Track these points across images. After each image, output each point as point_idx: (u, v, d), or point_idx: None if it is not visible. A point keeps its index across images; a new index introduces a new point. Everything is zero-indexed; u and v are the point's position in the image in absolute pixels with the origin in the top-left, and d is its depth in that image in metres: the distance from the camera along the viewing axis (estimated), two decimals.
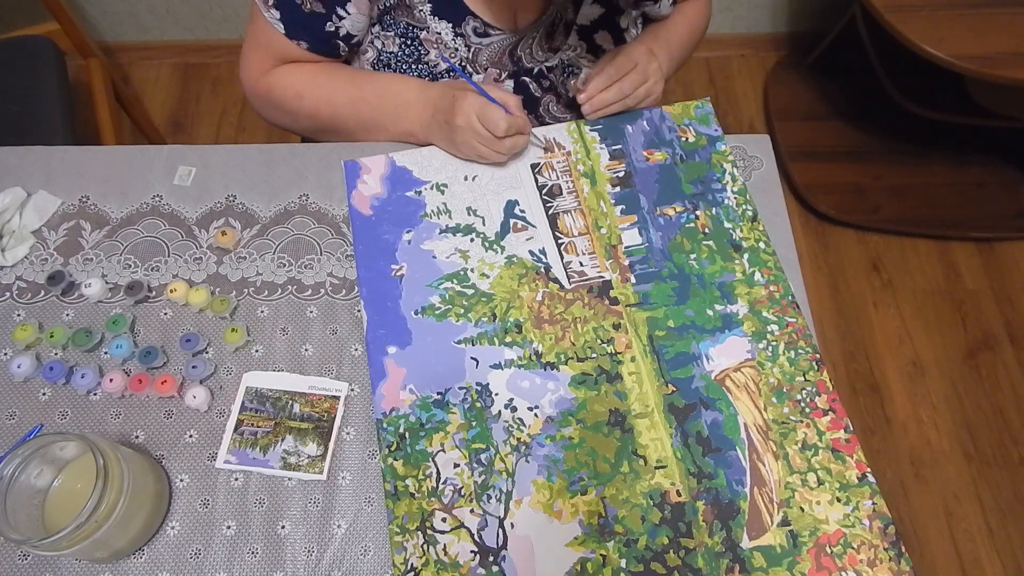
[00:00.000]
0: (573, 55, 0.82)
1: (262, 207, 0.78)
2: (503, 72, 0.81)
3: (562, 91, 0.85)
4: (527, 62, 0.81)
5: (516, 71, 0.81)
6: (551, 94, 0.85)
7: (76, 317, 0.71)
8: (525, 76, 0.82)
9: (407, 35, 0.77)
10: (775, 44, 1.91)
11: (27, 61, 1.23)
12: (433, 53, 0.78)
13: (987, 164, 1.69)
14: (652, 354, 0.67)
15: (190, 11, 1.77)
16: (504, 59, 0.80)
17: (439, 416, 0.64)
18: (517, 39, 0.79)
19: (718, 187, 0.77)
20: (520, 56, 0.80)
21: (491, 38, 0.77)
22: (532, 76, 0.82)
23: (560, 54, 0.82)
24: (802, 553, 0.59)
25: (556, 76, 0.83)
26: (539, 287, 0.71)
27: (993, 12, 1.25)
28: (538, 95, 0.84)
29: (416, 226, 0.74)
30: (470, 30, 0.76)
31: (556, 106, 0.86)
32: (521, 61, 0.81)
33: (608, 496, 0.61)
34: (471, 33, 0.77)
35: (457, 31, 0.76)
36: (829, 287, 1.61)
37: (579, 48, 0.82)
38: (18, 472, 0.54)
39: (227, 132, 1.78)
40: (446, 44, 0.77)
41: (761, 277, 0.72)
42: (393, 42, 0.78)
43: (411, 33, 0.77)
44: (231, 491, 0.63)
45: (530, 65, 0.81)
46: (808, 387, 0.66)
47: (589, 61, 0.83)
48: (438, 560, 0.59)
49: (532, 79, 0.82)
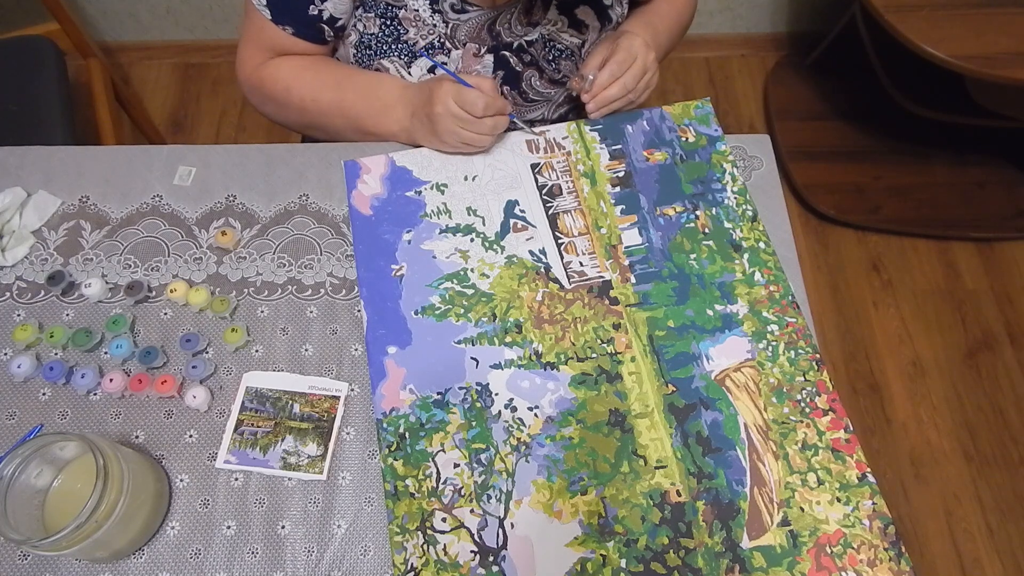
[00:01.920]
0: (554, 29, 0.82)
1: (262, 207, 0.78)
2: (482, 47, 0.80)
3: (544, 66, 0.84)
4: (506, 36, 0.80)
5: (495, 45, 0.81)
6: (533, 68, 0.84)
7: (76, 317, 0.71)
8: (505, 51, 0.81)
9: (386, 15, 0.77)
10: (775, 44, 1.91)
11: (27, 61, 1.23)
12: (412, 31, 0.78)
13: (987, 164, 1.69)
14: (652, 354, 0.67)
15: (190, 11, 1.77)
16: (483, 34, 0.79)
17: (439, 416, 0.64)
18: (496, 14, 0.78)
19: (718, 187, 0.77)
20: (499, 31, 0.80)
21: (469, 13, 0.77)
22: (512, 50, 0.81)
23: (540, 28, 0.81)
24: (802, 553, 0.59)
25: (537, 50, 0.83)
26: (539, 287, 0.71)
27: (993, 12, 1.25)
28: (519, 69, 0.83)
29: (416, 226, 0.74)
30: (447, 6, 0.76)
31: (539, 81, 0.85)
32: (500, 36, 0.80)
33: (608, 496, 0.61)
34: (448, 9, 0.76)
35: (435, 7, 0.76)
36: (829, 287, 1.61)
37: (560, 22, 0.81)
38: (18, 472, 0.54)
39: (227, 132, 1.78)
40: (424, 21, 0.77)
41: (761, 277, 0.72)
42: (374, 23, 0.78)
43: (390, 13, 0.77)
44: (231, 491, 0.63)
45: (509, 39, 0.81)
46: (808, 387, 0.66)
47: (571, 35, 0.83)
48: (438, 560, 0.59)
49: (512, 53, 0.82)
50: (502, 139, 0.80)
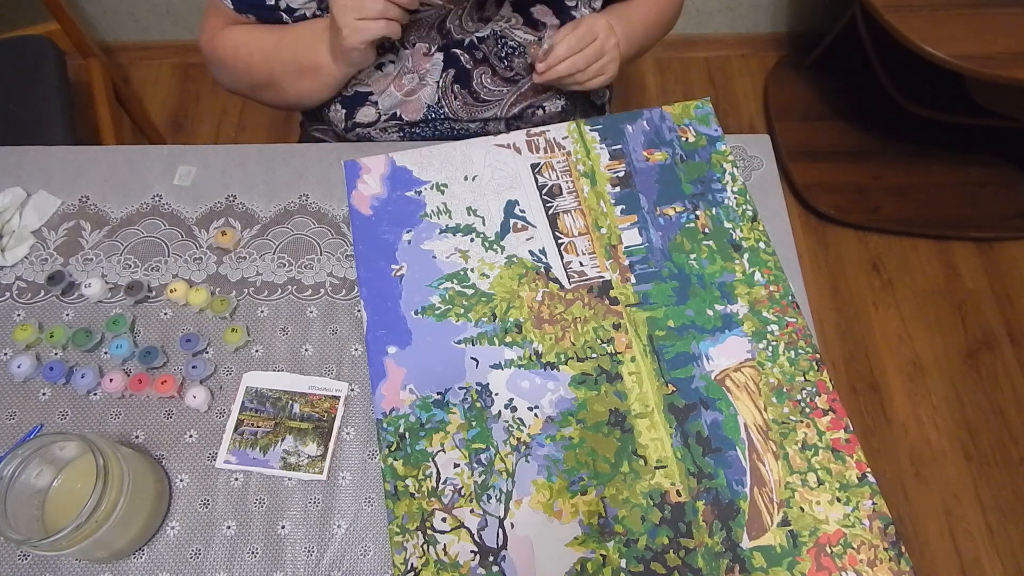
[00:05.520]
0: (506, 26, 0.81)
1: (262, 207, 0.78)
2: (432, 46, 0.80)
3: (495, 63, 0.83)
4: (456, 34, 0.79)
5: (446, 44, 0.80)
6: (484, 66, 0.83)
7: (76, 317, 0.71)
8: (456, 48, 0.81)
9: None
10: (775, 44, 1.91)
11: (27, 61, 1.23)
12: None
13: (987, 164, 1.69)
14: (652, 354, 0.67)
15: (190, 11, 1.77)
16: (432, 33, 0.79)
17: (439, 416, 0.64)
18: (446, 12, 0.77)
19: (718, 187, 0.77)
20: (449, 28, 0.79)
21: (419, 13, 0.76)
22: (463, 47, 0.81)
23: (492, 24, 0.80)
24: (802, 553, 0.59)
25: (489, 47, 0.81)
26: (539, 287, 0.71)
27: (993, 12, 1.25)
28: (469, 67, 0.82)
29: (416, 226, 0.74)
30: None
31: (490, 79, 0.84)
32: (451, 34, 0.79)
33: (608, 496, 0.61)
34: None
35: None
36: (829, 287, 1.61)
37: (513, 19, 0.80)
38: (18, 472, 0.54)
39: (227, 132, 1.78)
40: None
41: (761, 277, 0.72)
42: (327, 17, 0.77)
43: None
44: (231, 491, 0.63)
45: (460, 37, 0.80)
46: (808, 387, 0.66)
47: (525, 32, 0.81)
48: (438, 560, 0.59)
49: (463, 51, 0.81)
50: (503, 140, 0.79)
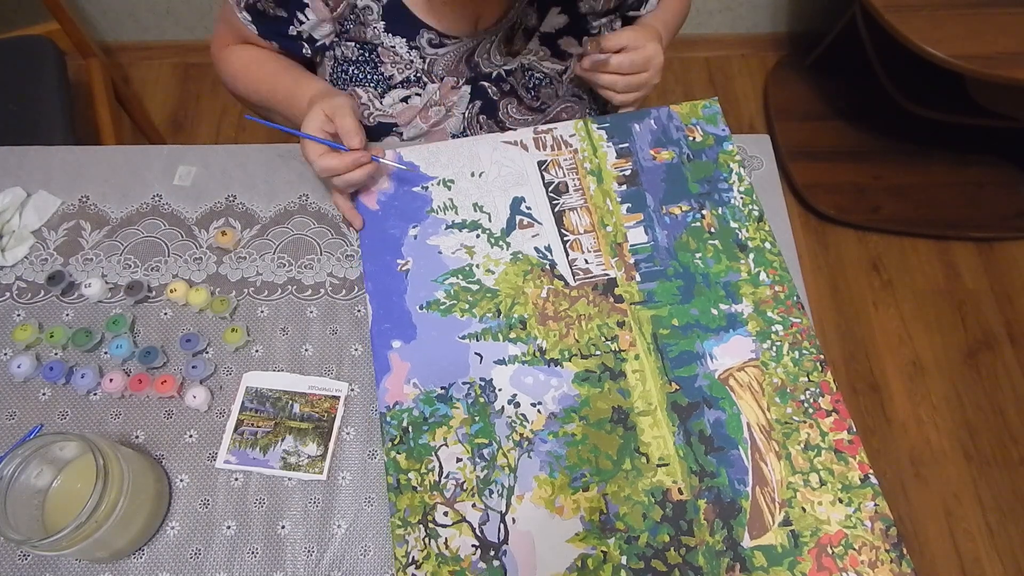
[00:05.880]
0: (534, 59, 0.81)
1: (262, 207, 0.78)
2: (460, 79, 0.80)
3: (523, 94, 0.84)
4: (484, 67, 0.80)
5: (474, 77, 0.81)
6: (511, 97, 0.83)
7: (76, 317, 0.71)
8: (483, 81, 0.81)
9: (365, 46, 0.77)
10: (775, 44, 1.91)
11: (27, 61, 1.23)
12: (389, 64, 0.77)
13: (987, 164, 1.69)
14: (656, 352, 0.67)
15: (190, 11, 1.77)
16: (460, 66, 0.79)
17: (442, 411, 0.64)
18: (474, 45, 0.78)
19: (725, 187, 0.77)
20: (477, 62, 0.79)
21: (447, 47, 0.77)
22: (491, 80, 0.81)
23: (520, 58, 0.81)
24: (803, 553, 0.59)
25: (516, 79, 0.82)
26: (544, 284, 0.71)
27: (993, 12, 1.25)
28: (496, 98, 0.83)
29: (422, 221, 0.74)
30: (424, 42, 0.76)
31: (516, 108, 0.85)
32: (479, 67, 0.80)
33: (610, 493, 0.61)
34: (426, 45, 0.76)
35: (412, 44, 0.76)
36: (829, 287, 1.61)
37: (541, 52, 0.81)
38: (18, 472, 0.54)
39: (227, 132, 1.78)
40: (401, 56, 0.77)
41: (766, 277, 0.71)
42: (352, 50, 0.78)
43: (368, 45, 0.77)
44: (231, 491, 0.63)
45: (488, 70, 0.80)
46: (812, 388, 0.66)
47: (553, 63, 0.82)
48: (439, 554, 0.59)
49: (491, 83, 0.82)
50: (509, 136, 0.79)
